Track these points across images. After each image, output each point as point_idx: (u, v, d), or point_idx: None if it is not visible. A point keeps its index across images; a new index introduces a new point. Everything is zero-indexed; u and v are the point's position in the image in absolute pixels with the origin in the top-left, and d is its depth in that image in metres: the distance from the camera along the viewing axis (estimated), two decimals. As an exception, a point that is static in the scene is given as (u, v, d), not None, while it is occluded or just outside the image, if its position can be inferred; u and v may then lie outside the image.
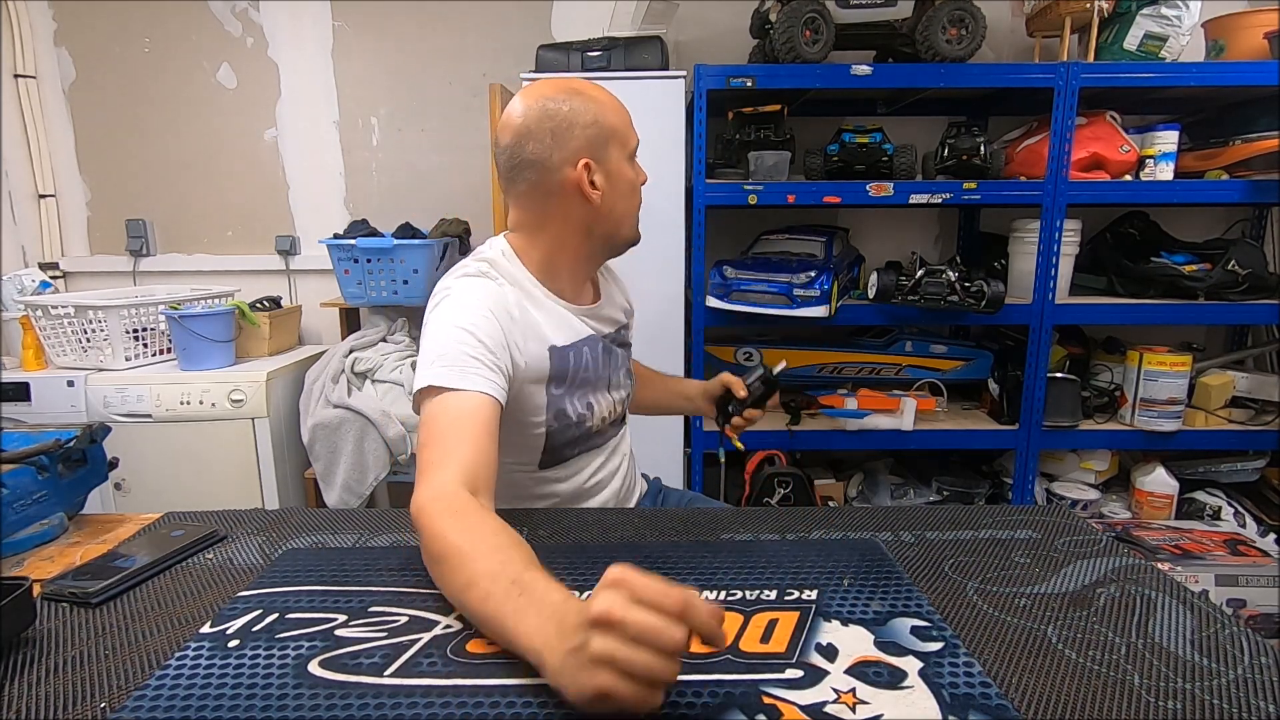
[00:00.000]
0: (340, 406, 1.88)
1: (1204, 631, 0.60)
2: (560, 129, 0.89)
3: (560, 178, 0.90)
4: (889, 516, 0.86)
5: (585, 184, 0.90)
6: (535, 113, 0.89)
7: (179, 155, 2.36)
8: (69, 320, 1.92)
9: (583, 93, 0.91)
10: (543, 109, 0.89)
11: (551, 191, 0.91)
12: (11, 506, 0.78)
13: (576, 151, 0.89)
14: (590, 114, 0.90)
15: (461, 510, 0.66)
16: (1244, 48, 1.90)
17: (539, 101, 0.90)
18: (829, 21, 1.79)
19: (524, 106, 0.90)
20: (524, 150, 0.89)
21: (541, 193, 0.91)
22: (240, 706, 0.51)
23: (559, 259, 0.95)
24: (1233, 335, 2.36)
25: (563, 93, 0.90)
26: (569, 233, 0.94)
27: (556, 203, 0.91)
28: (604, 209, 0.93)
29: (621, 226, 0.98)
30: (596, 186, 0.91)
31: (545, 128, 0.89)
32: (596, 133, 0.90)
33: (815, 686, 0.52)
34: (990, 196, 1.86)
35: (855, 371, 2.10)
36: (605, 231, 0.96)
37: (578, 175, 0.90)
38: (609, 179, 0.92)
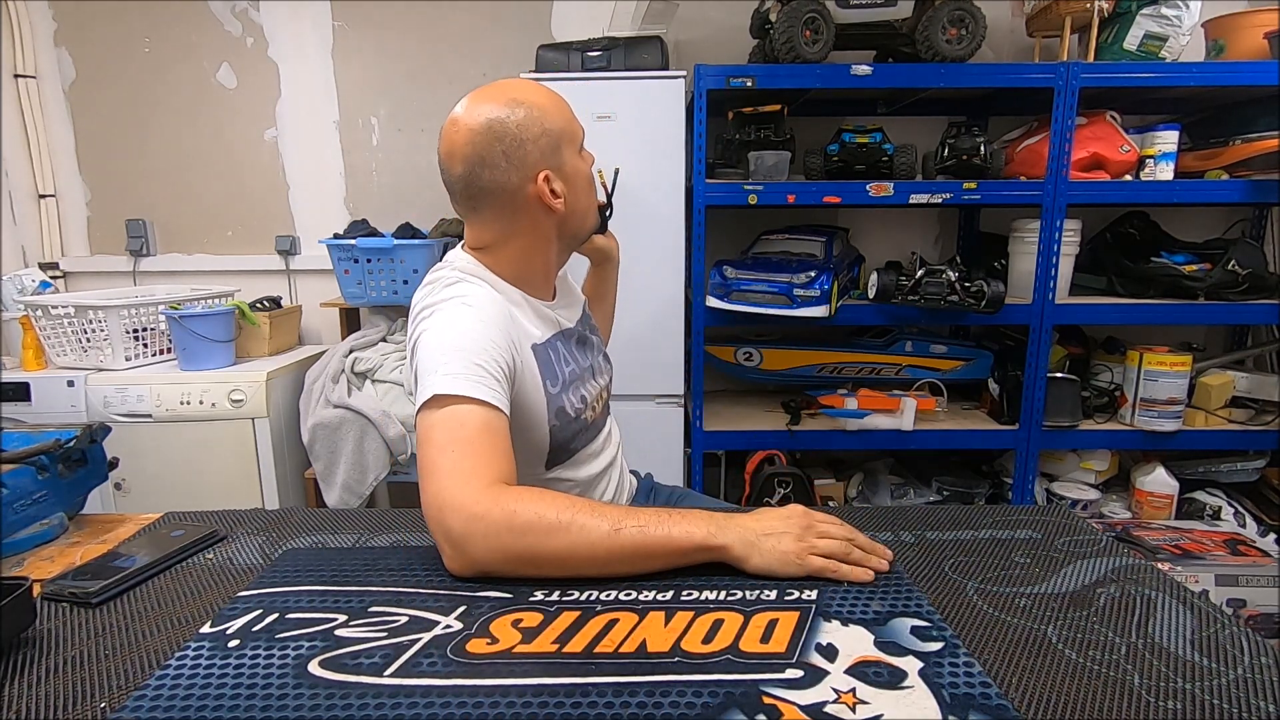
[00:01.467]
0: (340, 406, 1.88)
1: (1204, 631, 0.60)
2: (512, 149, 0.86)
3: (523, 196, 0.88)
4: (889, 516, 0.86)
5: (547, 195, 0.89)
6: (482, 137, 0.85)
7: (179, 155, 2.36)
8: (69, 320, 1.92)
9: (524, 102, 0.87)
10: (489, 130, 0.85)
11: (516, 210, 0.89)
12: (11, 506, 0.78)
13: (533, 166, 0.87)
14: (538, 124, 0.87)
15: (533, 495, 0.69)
16: (1244, 48, 1.90)
17: (484, 123, 0.86)
18: (829, 21, 1.79)
19: (469, 131, 0.86)
20: (480, 179, 0.87)
21: (506, 214, 0.90)
22: (240, 706, 0.51)
23: (531, 266, 0.95)
24: (1233, 335, 2.36)
25: (504, 106, 0.86)
26: (536, 241, 0.93)
27: (522, 218, 0.90)
28: (568, 211, 0.92)
29: (585, 220, 0.99)
30: (558, 194, 0.90)
31: (497, 150, 0.85)
32: (548, 142, 0.88)
33: (815, 686, 0.52)
34: (990, 196, 1.86)
35: (855, 371, 2.10)
36: (572, 230, 0.97)
37: (539, 189, 0.88)
38: (568, 181, 0.91)
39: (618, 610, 0.63)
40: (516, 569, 0.68)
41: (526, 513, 0.67)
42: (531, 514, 0.67)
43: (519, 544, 0.66)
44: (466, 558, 0.67)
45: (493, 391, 0.78)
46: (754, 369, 2.11)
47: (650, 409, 1.99)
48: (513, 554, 0.67)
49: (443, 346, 0.80)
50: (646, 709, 0.50)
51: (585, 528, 0.67)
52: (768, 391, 2.31)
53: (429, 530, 0.71)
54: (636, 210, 1.92)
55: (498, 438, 0.76)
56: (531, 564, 0.68)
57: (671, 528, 0.68)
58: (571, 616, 0.62)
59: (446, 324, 0.83)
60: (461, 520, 0.67)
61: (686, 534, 0.68)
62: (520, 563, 0.67)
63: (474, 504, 0.67)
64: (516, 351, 0.86)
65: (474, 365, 0.78)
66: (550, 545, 0.67)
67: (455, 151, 0.87)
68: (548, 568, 0.68)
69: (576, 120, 0.94)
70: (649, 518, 0.69)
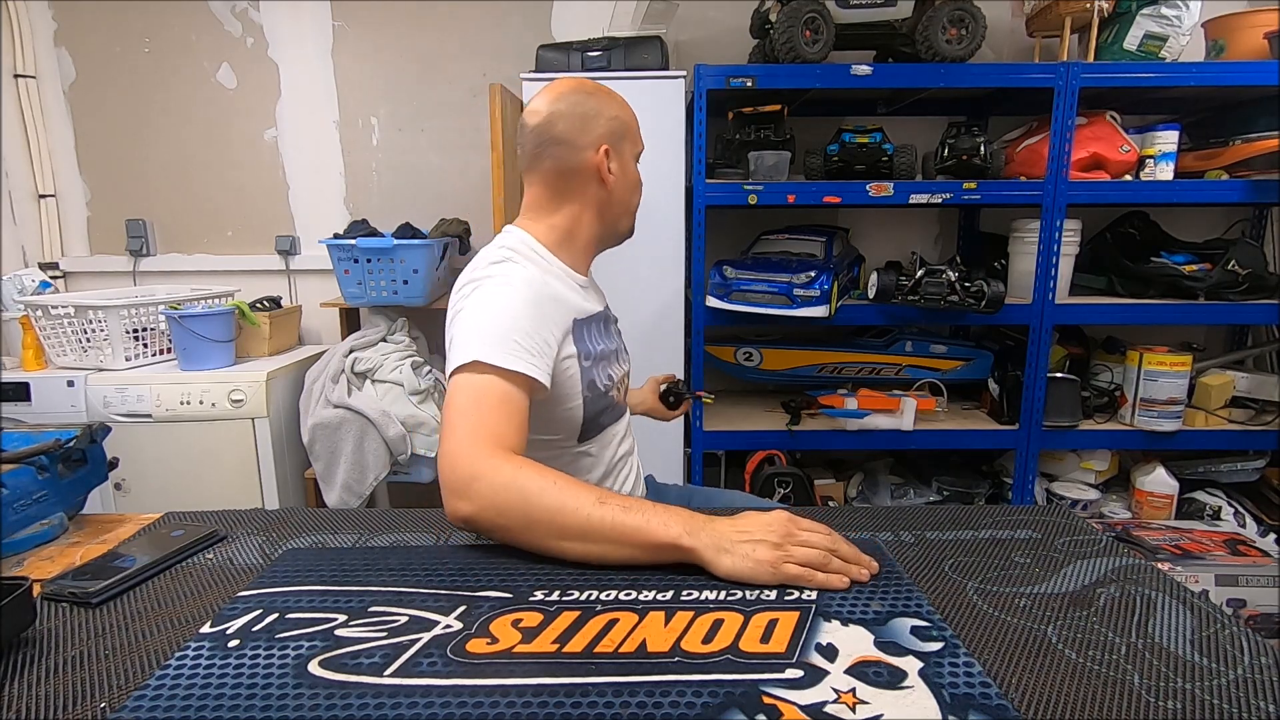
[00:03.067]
0: (340, 406, 1.88)
1: (1204, 631, 0.60)
2: (588, 115, 0.98)
3: (583, 158, 0.97)
4: (889, 516, 0.86)
5: (604, 168, 0.98)
6: (565, 100, 0.98)
7: (179, 155, 2.36)
8: (69, 320, 1.92)
9: (604, 90, 1.02)
10: (572, 98, 0.98)
11: (574, 170, 0.98)
12: (11, 506, 0.78)
13: (599, 138, 0.98)
14: (613, 109, 1.00)
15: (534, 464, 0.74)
16: (1244, 48, 1.90)
17: (568, 91, 0.99)
18: (829, 21, 1.79)
19: (553, 95, 0.99)
20: (553, 129, 0.97)
21: (565, 170, 0.98)
22: (240, 706, 0.51)
23: (573, 235, 1.02)
24: (1233, 335, 2.36)
25: (588, 87, 1.00)
26: (584, 211, 1.01)
27: (577, 182, 0.99)
28: (615, 195, 1.02)
29: (625, 217, 1.07)
30: (612, 173, 1.00)
31: (575, 112, 0.97)
32: (617, 125, 1.00)
33: (815, 686, 0.52)
34: (990, 196, 1.86)
35: (855, 371, 2.10)
36: (613, 216, 1.04)
37: (598, 159, 0.98)
38: (622, 169, 1.01)
39: (618, 610, 0.63)
40: (505, 526, 0.72)
41: (523, 476, 0.72)
42: (527, 478, 0.72)
43: (511, 502, 0.71)
44: (464, 508, 0.73)
45: (525, 362, 0.83)
46: (754, 369, 2.11)
47: (650, 409, 1.99)
48: (504, 509, 0.72)
49: (482, 318, 0.86)
50: (646, 709, 0.50)
51: (574, 494, 0.71)
52: (768, 391, 2.31)
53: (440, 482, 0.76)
54: (636, 210, 1.92)
55: (515, 409, 0.81)
56: (521, 522, 0.72)
57: (651, 517, 0.70)
58: (571, 616, 0.62)
59: (489, 298, 0.88)
60: (464, 476, 0.73)
61: (663, 525, 0.69)
62: (509, 519, 0.72)
63: (478, 462, 0.73)
64: (555, 326, 0.92)
65: (509, 338, 0.84)
66: (538, 505, 0.71)
67: (537, 108, 0.98)
68: (535, 530, 0.71)
69: (641, 137, 1.06)
70: (633, 502, 0.72)
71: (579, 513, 0.70)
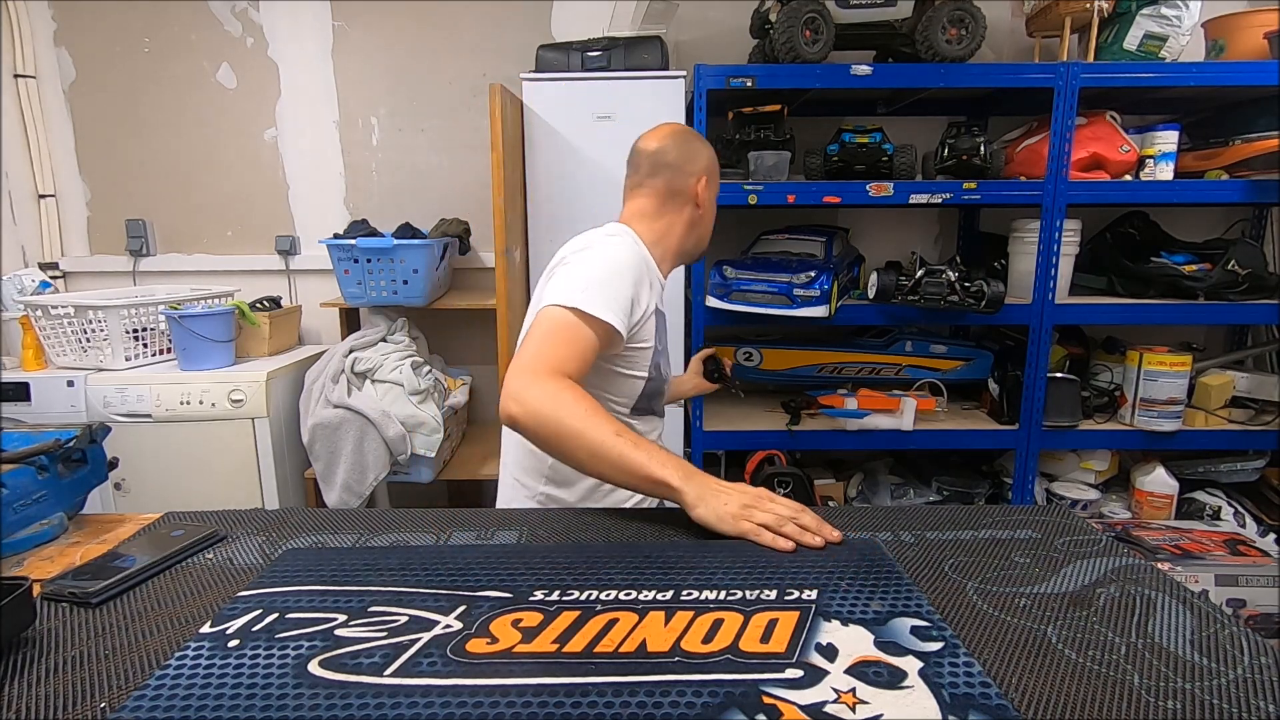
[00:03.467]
0: (340, 406, 1.88)
1: (1204, 631, 0.60)
2: (694, 149, 1.19)
3: (686, 182, 1.16)
4: (889, 516, 0.86)
5: (700, 193, 1.17)
6: (679, 134, 1.19)
7: (179, 155, 2.36)
8: (69, 320, 1.92)
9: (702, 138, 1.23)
10: (684, 134, 1.20)
11: (676, 191, 1.17)
12: (11, 506, 0.78)
13: (701, 170, 1.17)
14: (710, 153, 1.21)
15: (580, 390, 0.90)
16: (1244, 48, 1.90)
17: (679, 131, 1.20)
18: (829, 21, 1.79)
19: (667, 130, 1.20)
20: (668, 155, 1.16)
21: (670, 189, 1.16)
22: (240, 706, 0.51)
23: (666, 241, 1.18)
24: (1233, 335, 2.36)
25: (693, 132, 1.23)
26: (677, 226, 1.18)
27: (677, 201, 1.17)
28: (702, 219, 1.21)
29: (702, 239, 1.25)
30: (702, 202, 1.18)
31: (685, 145, 1.18)
32: (711, 164, 1.20)
33: (815, 686, 0.52)
34: (990, 196, 1.86)
35: (855, 371, 2.10)
36: (696, 236, 1.21)
37: (697, 185, 1.17)
38: (710, 200, 1.21)
39: (618, 610, 0.63)
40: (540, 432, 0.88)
41: (564, 396, 0.88)
42: (566, 399, 0.87)
43: (548, 414, 0.87)
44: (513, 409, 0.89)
45: (610, 311, 0.98)
46: (754, 369, 2.11)
47: (650, 409, 1.99)
48: (543, 419, 0.87)
49: (588, 269, 1.02)
50: (646, 709, 0.50)
51: (598, 420, 0.86)
52: (768, 391, 2.31)
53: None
54: (636, 210, 1.92)
55: (585, 348, 0.96)
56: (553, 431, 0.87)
57: (653, 457, 0.84)
58: (571, 616, 0.62)
59: (598, 254, 1.05)
60: (520, 384, 0.89)
61: (660, 466, 0.83)
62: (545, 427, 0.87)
63: (534, 377, 0.90)
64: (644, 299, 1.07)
65: (604, 288, 0.99)
66: (568, 422, 0.86)
67: (655, 134, 1.19)
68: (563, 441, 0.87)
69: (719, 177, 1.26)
70: (644, 442, 0.86)
71: (597, 436, 0.85)
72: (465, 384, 2.31)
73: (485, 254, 2.37)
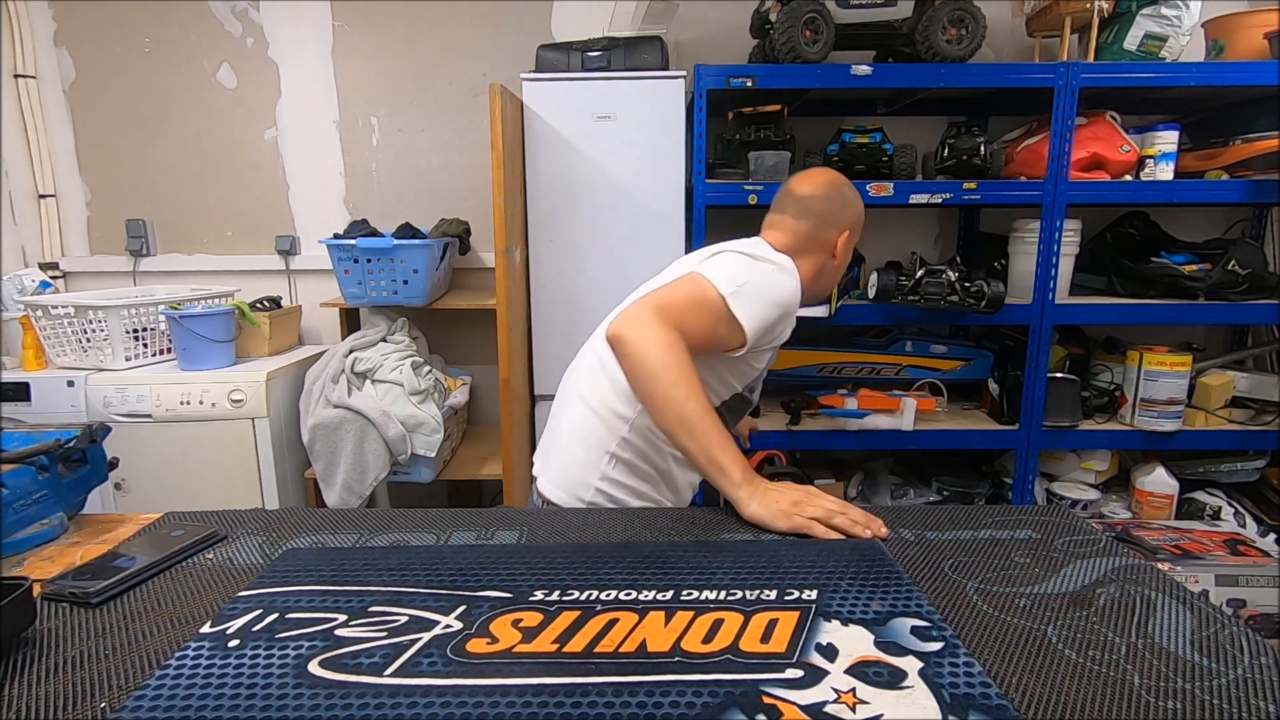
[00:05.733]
0: (340, 406, 1.88)
1: (1204, 631, 0.60)
2: (846, 205, 1.19)
3: (827, 235, 1.18)
4: (889, 516, 0.86)
5: (838, 246, 1.19)
6: (836, 188, 1.19)
7: (179, 155, 2.36)
8: (69, 320, 1.92)
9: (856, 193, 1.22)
10: (841, 190, 1.19)
11: (815, 239, 1.18)
12: (11, 506, 0.78)
13: (844, 225, 1.18)
14: (859, 209, 1.21)
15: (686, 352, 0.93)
16: (1244, 48, 1.90)
17: (839, 184, 1.20)
18: (829, 21, 1.79)
19: (831, 179, 1.21)
20: (817, 206, 1.17)
21: (809, 237, 1.17)
22: (240, 706, 0.51)
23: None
24: (1233, 335, 2.36)
25: (849, 188, 1.22)
26: (809, 268, 1.17)
27: (814, 247, 1.18)
28: (833, 270, 1.22)
29: (828, 289, 1.27)
30: (838, 252, 1.20)
31: (837, 200, 1.18)
32: (856, 220, 1.21)
33: (815, 686, 0.52)
34: (990, 196, 1.86)
35: (855, 371, 2.10)
36: (822, 283, 1.23)
37: (838, 238, 1.18)
38: (844, 254, 1.21)
39: (618, 610, 0.63)
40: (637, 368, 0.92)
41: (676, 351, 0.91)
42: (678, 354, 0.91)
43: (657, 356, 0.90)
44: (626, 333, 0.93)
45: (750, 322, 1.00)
46: (754, 369, 2.10)
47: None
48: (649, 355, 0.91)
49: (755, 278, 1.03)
50: (646, 709, 0.50)
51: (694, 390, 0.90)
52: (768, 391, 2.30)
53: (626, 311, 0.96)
54: (636, 210, 1.92)
55: (712, 334, 0.99)
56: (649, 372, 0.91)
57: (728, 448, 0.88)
58: (571, 616, 0.62)
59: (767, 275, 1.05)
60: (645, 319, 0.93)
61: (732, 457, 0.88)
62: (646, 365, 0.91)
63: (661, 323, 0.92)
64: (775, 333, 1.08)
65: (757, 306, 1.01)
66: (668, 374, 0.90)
67: (812, 179, 1.20)
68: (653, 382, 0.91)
69: None
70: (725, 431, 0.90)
71: (689, 402, 0.89)
72: (465, 384, 2.31)
73: (485, 254, 2.37)
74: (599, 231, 1.95)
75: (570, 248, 1.97)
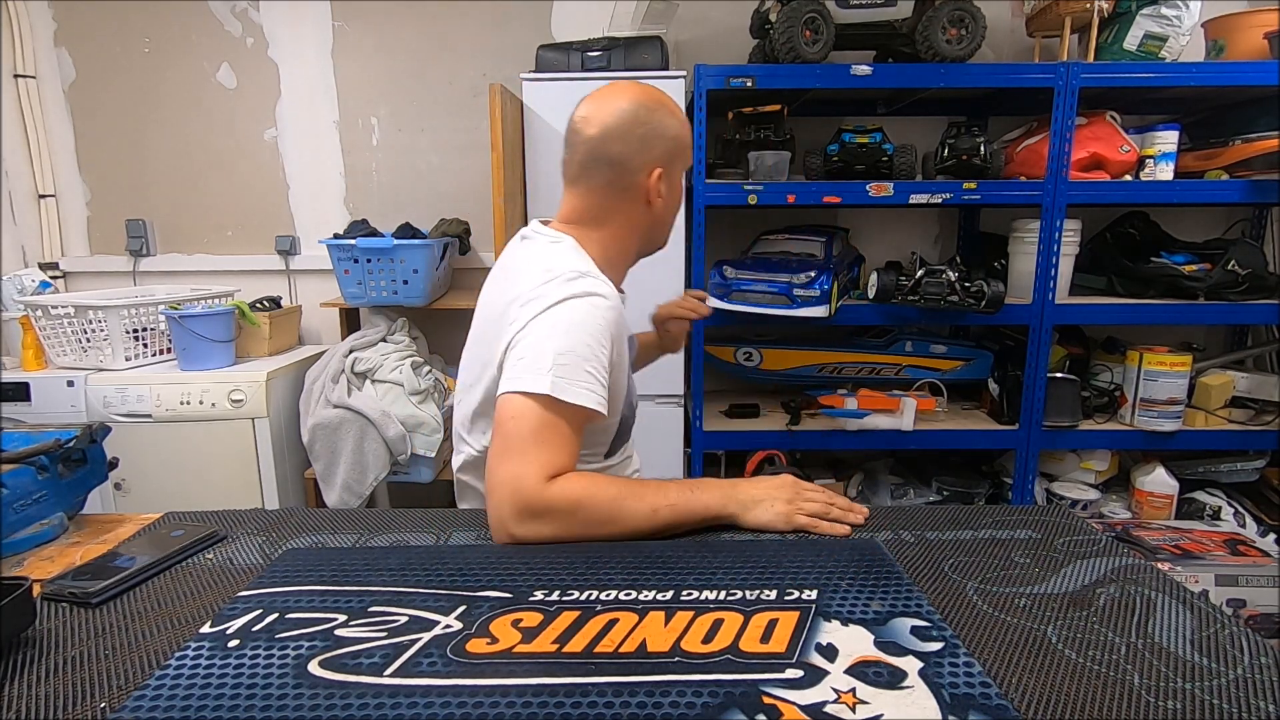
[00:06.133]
0: (340, 406, 1.88)
1: (1204, 631, 0.60)
2: (647, 136, 0.93)
3: (634, 180, 0.95)
4: (889, 516, 0.86)
5: (654, 190, 0.96)
6: (626, 115, 0.93)
7: (179, 155, 2.36)
8: (69, 320, 1.92)
9: (666, 105, 0.97)
10: (634, 114, 0.93)
11: (623, 191, 0.95)
12: (11, 506, 0.78)
13: (655, 160, 0.94)
14: (673, 128, 0.96)
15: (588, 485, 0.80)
16: (1244, 48, 1.90)
17: (630, 105, 0.93)
18: (829, 21, 1.79)
19: (614, 106, 0.93)
20: (608, 148, 0.93)
21: (614, 190, 0.95)
22: (240, 706, 0.51)
23: (614, 255, 0.99)
24: (1233, 335, 2.36)
25: (651, 101, 0.95)
26: (627, 232, 0.99)
27: (623, 201, 0.96)
28: (658, 217, 1.00)
29: (664, 234, 1.05)
30: (660, 195, 0.96)
31: (634, 133, 0.93)
32: (673, 147, 0.96)
33: (815, 686, 0.52)
34: (990, 196, 1.86)
35: (855, 371, 2.10)
36: (652, 236, 1.02)
37: (651, 183, 0.95)
38: (670, 191, 0.98)
39: (618, 610, 0.63)
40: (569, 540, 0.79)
41: (587, 502, 0.79)
42: (589, 505, 0.78)
43: (575, 526, 0.78)
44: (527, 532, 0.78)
45: (594, 397, 0.84)
46: (754, 369, 2.11)
47: (650, 409, 1.99)
48: (570, 532, 0.78)
49: (560, 342, 0.84)
50: (646, 709, 0.50)
51: (630, 514, 0.79)
52: (768, 391, 2.31)
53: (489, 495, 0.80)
54: (636, 210, 1.92)
55: (576, 438, 0.85)
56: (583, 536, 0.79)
57: (694, 502, 0.82)
58: (571, 616, 0.62)
59: (568, 320, 0.86)
60: (534, 504, 0.77)
61: (705, 506, 0.82)
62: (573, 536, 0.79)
63: (549, 491, 0.78)
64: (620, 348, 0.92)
65: (583, 368, 0.84)
66: (600, 532, 0.79)
67: (594, 117, 0.94)
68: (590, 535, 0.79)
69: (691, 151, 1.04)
70: (676, 494, 0.81)
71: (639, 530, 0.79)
72: (465, 384, 2.31)
73: (485, 254, 2.37)
74: (599, 231, 1.94)
75: (570, 248, 1.97)
